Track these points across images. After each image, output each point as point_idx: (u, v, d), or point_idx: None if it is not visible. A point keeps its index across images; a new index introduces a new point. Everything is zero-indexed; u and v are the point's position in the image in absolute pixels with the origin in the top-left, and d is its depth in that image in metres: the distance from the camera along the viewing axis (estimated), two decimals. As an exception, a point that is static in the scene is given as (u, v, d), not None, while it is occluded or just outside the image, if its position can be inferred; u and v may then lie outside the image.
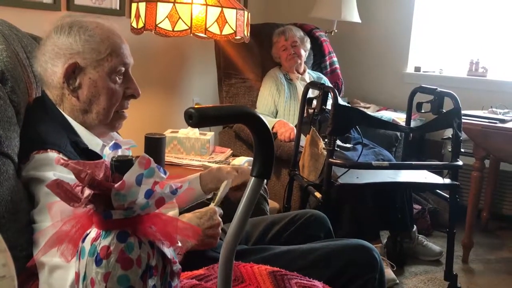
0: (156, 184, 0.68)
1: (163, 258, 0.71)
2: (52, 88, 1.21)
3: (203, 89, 3.30)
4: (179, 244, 0.71)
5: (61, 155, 1.06)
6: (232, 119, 0.83)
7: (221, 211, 1.23)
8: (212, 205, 1.25)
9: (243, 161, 1.99)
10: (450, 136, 2.13)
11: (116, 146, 0.73)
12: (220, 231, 1.20)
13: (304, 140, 2.23)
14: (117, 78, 1.21)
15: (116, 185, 0.64)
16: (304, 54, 2.94)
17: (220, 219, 1.20)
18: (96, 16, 1.26)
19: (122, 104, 1.25)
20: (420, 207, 2.95)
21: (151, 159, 0.66)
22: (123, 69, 1.22)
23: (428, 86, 2.24)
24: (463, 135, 2.11)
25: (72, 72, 1.17)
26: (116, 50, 1.20)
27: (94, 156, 1.16)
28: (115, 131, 1.32)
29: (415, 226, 2.66)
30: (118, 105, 1.24)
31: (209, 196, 1.51)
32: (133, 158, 0.69)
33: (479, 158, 2.55)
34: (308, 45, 3.01)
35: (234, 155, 2.38)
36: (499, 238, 3.01)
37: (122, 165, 0.68)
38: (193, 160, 2.17)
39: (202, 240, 1.18)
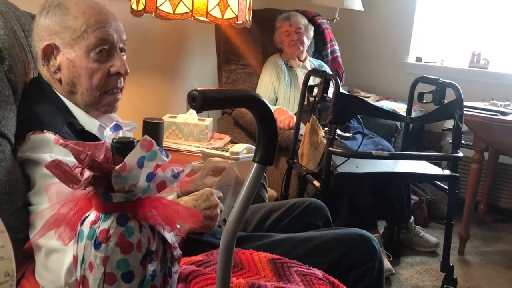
0: (158, 167, 0.66)
1: (163, 243, 0.69)
2: (41, 69, 1.19)
3: (202, 75, 3.27)
4: (178, 226, 0.70)
5: (57, 136, 1.04)
6: (236, 102, 0.80)
7: (220, 193, 1.19)
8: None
9: (242, 147, 1.98)
10: (451, 128, 2.11)
11: (117, 127, 0.71)
12: (218, 212, 1.15)
13: (303, 128, 2.21)
14: (98, 56, 1.14)
15: (117, 167, 0.63)
16: (306, 42, 2.92)
17: (218, 201, 1.15)
18: None
19: (108, 83, 1.18)
20: (417, 198, 2.95)
21: (153, 142, 0.64)
22: (105, 46, 1.14)
23: (430, 77, 2.22)
24: (463, 127, 2.10)
25: (51, 54, 1.15)
26: (94, 25, 1.13)
27: (91, 137, 1.14)
28: (109, 113, 1.26)
29: (412, 217, 2.66)
30: (103, 85, 1.17)
31: None
32: (135, 140, 0.67)
33: (479, 151, 2.55)
34: (311, 33, 2.98)
35: (232, 141, 2.37)
36: (495, 230, 3.01)
37: (123, 147, 0.66)
38: (191, 146, 2.15)
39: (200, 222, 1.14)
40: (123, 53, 1.22)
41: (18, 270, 0.94)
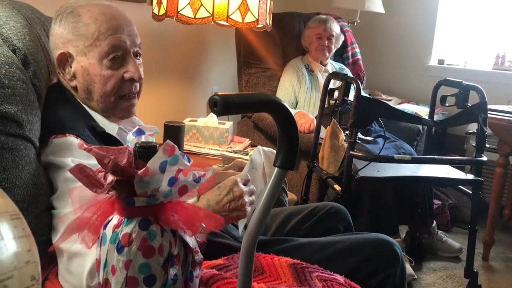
0: (179, 171, 0.66)
1: (185, 247, 0.69)
2: (59, 76, 1.21)
3: (222, 78, 3.28)
4: (203, 225, 0.69)
5: (79, 140, 1.05)
6: (257, 107, 0.80)
7: (248, 177, 1.12)
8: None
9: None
10: (475, 131, 2.08)
11: (140, 132, 0.71)
12: (246, 200, 1.08)
13: (324, 132, 2.20)
14: (111, 63, 1.14)
15: (139, 172, 0.63)
16: (333, 50, 2.92)
17: (244, 189, 1.09)
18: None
19: (122, 89, 1.18)
20: (440, 202, 2.91)
21: (176, 146, 0.65)
22: (118, 53, 1.14)
23: (453, 79, 2.19)
24: (487, 130, 2.06)
25: (66, 62, 1.16)
26: (105, 33, 1.12)
27: (112, 139, 1.15)
28: (126, 118, 1.26)
29: (434, 222, 2.61)
30: (117, 90, 1.17)
31: None
32: (157, 145, 0.67)
33: (503, 154, 2.49)
34: (340, 43, 2.99)
35: (252, 145, 2.37)
36: (520, 236, 2.95)
37: (146, 151, 0.66)
38: (211, 149, 2.16)
39: (226, 216, 1.07)
40: (138, 57, 1.21)
41: (42, 273, 0.95)
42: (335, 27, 2.90)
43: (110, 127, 1.19)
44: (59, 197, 1.03)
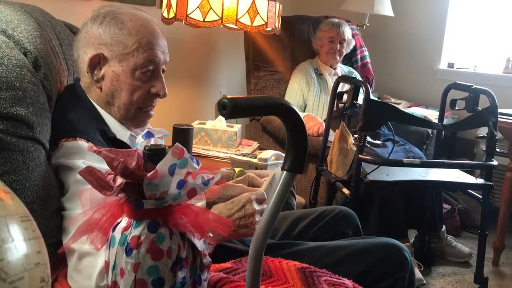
0: (188, 174, 0.66)
1: (193, 250, 0.69)
2: (82, 75, 1.22)
3: (230, 81, 3.29)
4: (211, 235, 0.69)
5: (90, 143, 1.06)
6: (265, 110, 0.80)
7: (264, 196, 1.12)
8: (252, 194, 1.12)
9: (270, 154, 1.97)
10: (485, 135, 2.06)
11: (149, 134, 0.72)
12: (257, 219, 1.09)
13: (332, 135, 2.19)
14: (142, 75, 1.17)
15: (149, 175, 0.63)
16: (344, 54, 2.92)
17: (256, 207, 1.09)
18: (136, 8, 1.23)
19: (145, 101, 1.22)
20: (449, 206, 2.88)
21: (185, 149, 0.65)
22: (151, 67, 1.18)
23: (463, 83, 2.17)
24: (498, 134, 2.04)
25: (98, 63, 1.17)
26: (145, 46, 1.16)
27: (122, 146, 1.16)
28: (139, 128, 1.28)
29: (444, 226, 2.59)
30: (140, 102, 1.20)
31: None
32: (166, 148, 0.67)
33: (514, 159, 2.47)
34: (351, 47, 2.99)
35: (260, 148, 2.37)
36: (531, 241, 2.91)
37: (155, 154, 0.67)
38: (220, 152, 2.16)
39: (234, 231, 1.08)
40: (163, 75, 1.25)
41: (51, 274, 0.96)
42: (348, 32, 2.90)
43: (122, 133, 1.21)
44: (70, 198, 1.04)
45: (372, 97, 1.89)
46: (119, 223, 0.68)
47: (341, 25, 2.88)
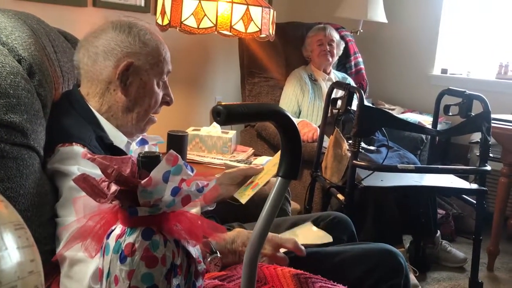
0: (182, 181, 0.66)
1: (188, 257, 0.69)
2: (95, 80, 1.20)
3: (225, 88, 3.29)
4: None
5: (85, 149, 1.05)
6: (260, 117, 0.81)
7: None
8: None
9: (265, 160, 1.97)
10: (478, 140, 2.07)
11: (143, 141, 0.72)
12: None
13: (327, 141, 2.20)
14: (162, 84, 1.26)
15: (143, 182, 0.63)
16: (336, 56, 2.93)
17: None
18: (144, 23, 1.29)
19: (158, 108, 1.29)
20: (444, 212, 2.89)
21: (179, 156, 0.65)
22: (166, 77, 1.27)
23: (457, 89, 2.19)
24: (491, 140, 2.05)
25: (126, 70, 1.18)
26: (166, 58, 1.25)
27: (119, 152, 1.16)
28: (142, 133, 1.29)
29: (438, 231, 2.60)
30: (156, 108, 1.27)
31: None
32: (160, 155, 0.67)
33: (508, 164, 2.49)
34: (341, 49, 3.01)
35: (255, 154, 2.37)
36: (525, 246, 2.93)
37: (149, 161, 0.66)
38: (214, 158, 2.16)
39: (239, 258, 1.14)
40: None
41: (45, 282, 0.95)
42: (334, 34, 2.93)
43: (119, 140, 1.21)
44: (63, 205, 1.04)
45: (366, 103, 1.90)
46: (113, 230, 0.68)
47: (326, 28, 2.92)
